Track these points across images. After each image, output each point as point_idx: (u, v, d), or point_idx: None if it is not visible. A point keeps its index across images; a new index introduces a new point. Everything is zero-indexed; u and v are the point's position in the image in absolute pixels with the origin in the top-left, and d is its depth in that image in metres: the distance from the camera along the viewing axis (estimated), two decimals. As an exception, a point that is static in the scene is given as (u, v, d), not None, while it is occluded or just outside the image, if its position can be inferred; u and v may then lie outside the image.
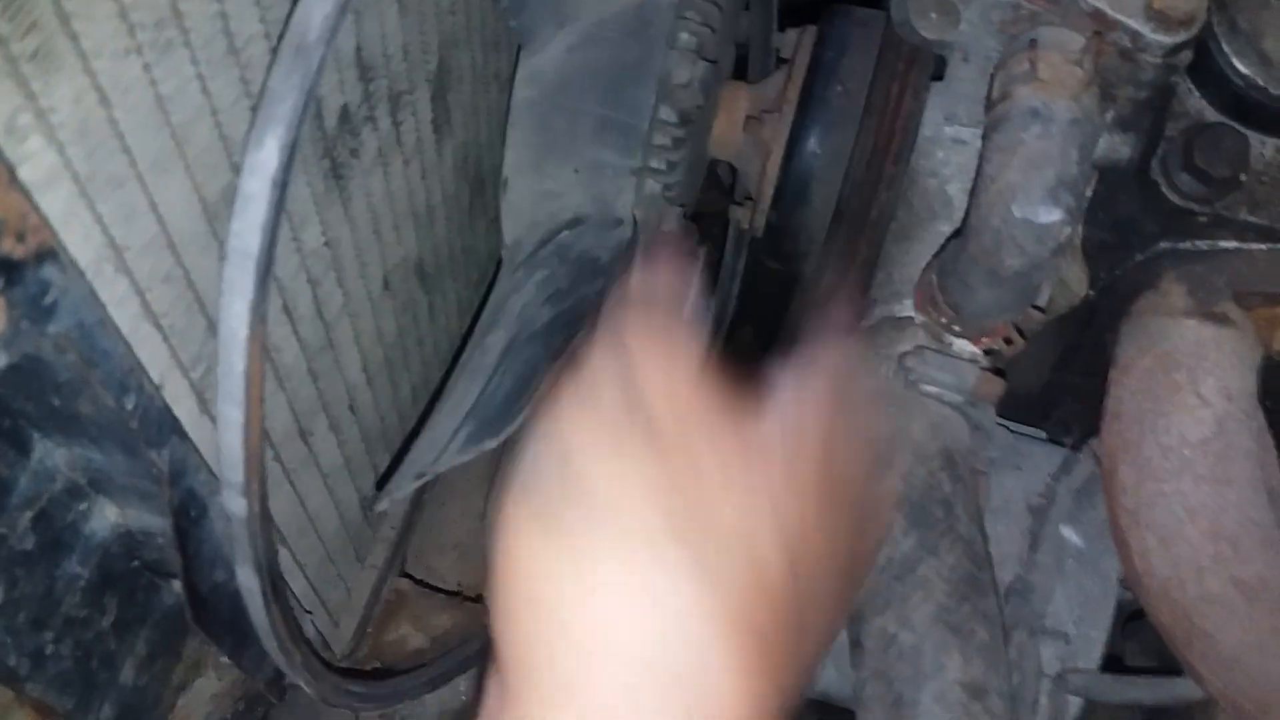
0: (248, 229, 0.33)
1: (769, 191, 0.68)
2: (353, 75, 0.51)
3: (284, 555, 0.58)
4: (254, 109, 0.37)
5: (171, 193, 0.39)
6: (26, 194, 0.30)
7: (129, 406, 0.39)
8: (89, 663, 0.53)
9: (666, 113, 0.61)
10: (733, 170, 0.74)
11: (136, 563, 0.54)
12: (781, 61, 0.70)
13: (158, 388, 0.40)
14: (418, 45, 0.57)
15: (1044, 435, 0.77)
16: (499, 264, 0.72)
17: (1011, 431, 0.77)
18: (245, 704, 0.69)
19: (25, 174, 0.31)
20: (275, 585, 0.44)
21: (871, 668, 0.54)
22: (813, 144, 0.67)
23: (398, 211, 0.60)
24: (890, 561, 0.55)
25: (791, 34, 0.69)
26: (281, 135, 0.33)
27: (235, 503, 0.39)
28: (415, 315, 0.68)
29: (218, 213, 0.42)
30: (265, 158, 0.33)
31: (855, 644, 0.56)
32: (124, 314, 0.37)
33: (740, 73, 0.76)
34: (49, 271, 0.32)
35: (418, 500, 0.82)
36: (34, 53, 0.30)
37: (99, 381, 0.36)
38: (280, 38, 0.34)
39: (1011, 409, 0.75)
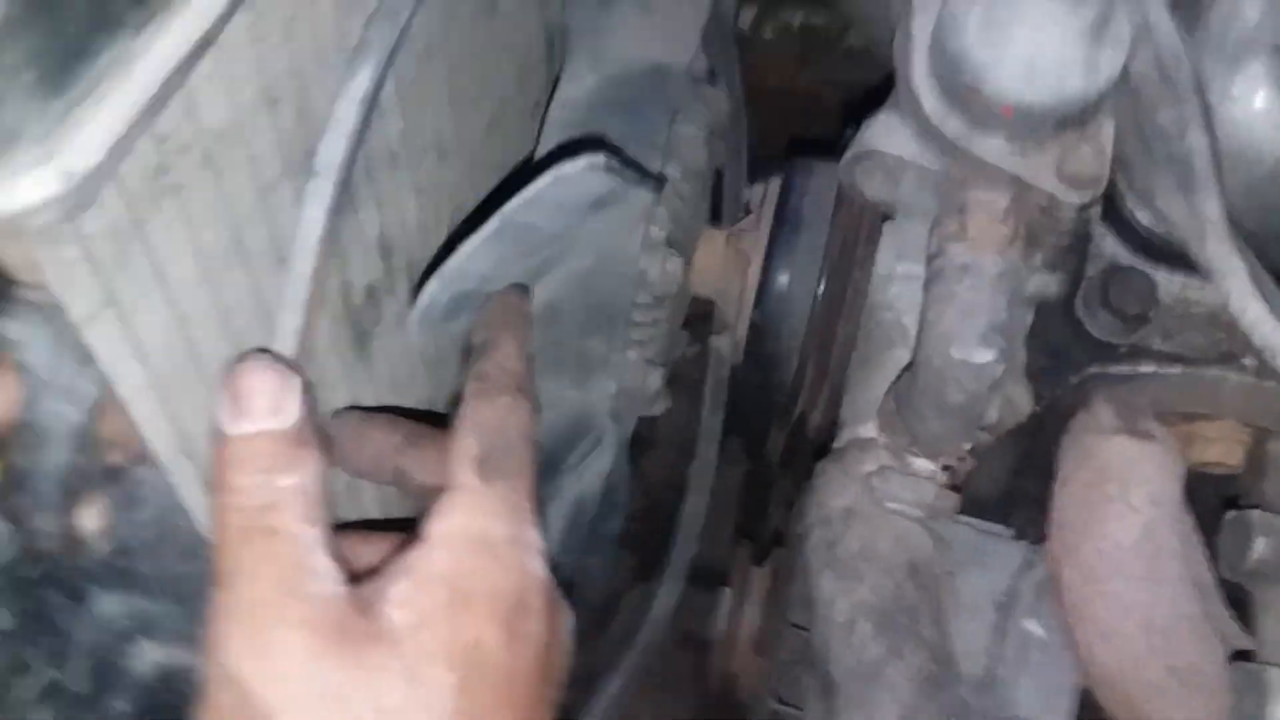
0: (335, 144, 0.40)
1: (745, 324, 0.76)
2: (376, 257, 0.58)
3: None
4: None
5: (230, 383, 0.45)
6: (126, 412, 0.37)
7: (193, 570, 0.45)
8: (126, 795, 0.58)
9: (644, 297, 0.69)
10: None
11: (174, 698, 0.60)
12: (748, 210, 0.78)
13: (214, 546, 0.46)
14: (432, 219, 0.65)
15: (1011, 533, 0.84)
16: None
17: (978, 531, 0.84)
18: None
19: (122, 392, 0.38)
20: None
21: (849, 765, 0.60)
22: (781, 282, 0.75)
23: (413, 365, 0.67)
24: (860, 664, 0.61)
25: (759, 187, 0.78)
26: (372, 69, 0.42)
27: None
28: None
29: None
30: (358, 85, 0.41)
31: (834, 743, 0.62)
32: (190, 493, 0.44)
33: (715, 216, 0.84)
34: (140, 471, 0.39)
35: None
36: (133, 296, 0.37)
37: (172, 553, 0.43)
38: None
39: (976, 510, 0.82)
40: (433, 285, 0.56)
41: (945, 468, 0.67)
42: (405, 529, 0.41)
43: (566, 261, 0.69)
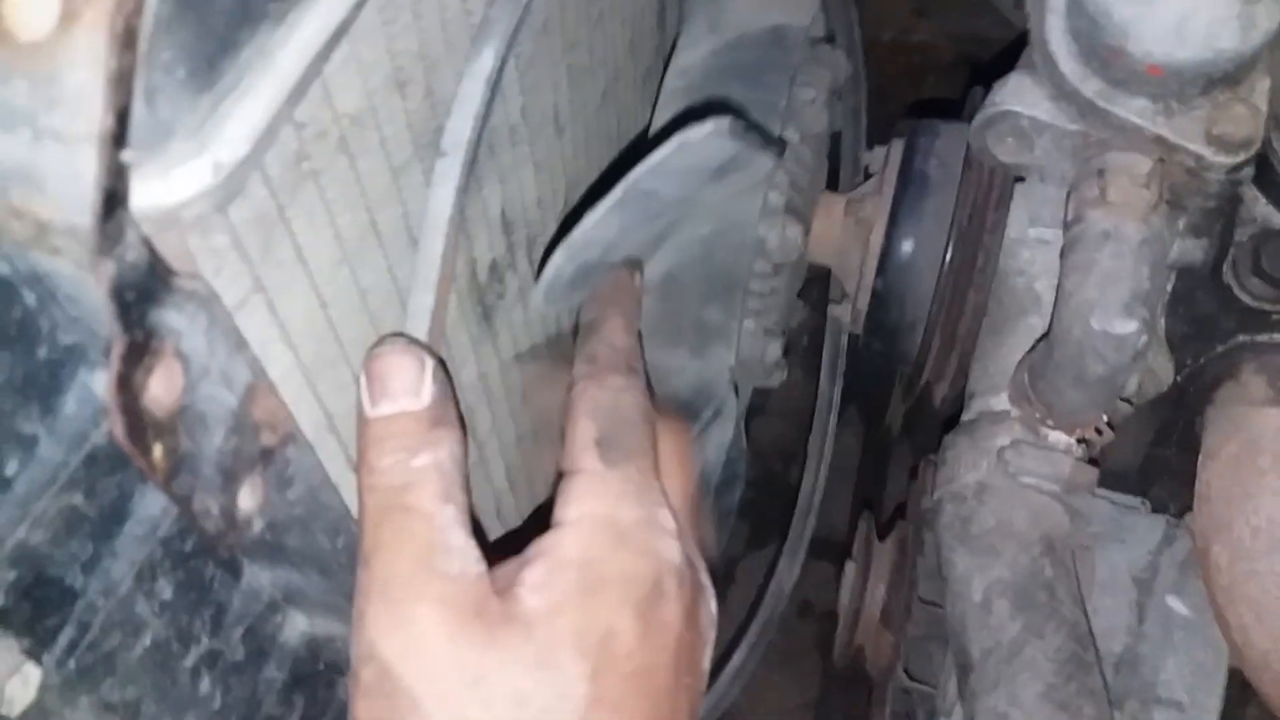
0: (461, 123, 0.41)
1: (866, 292, 0.74)
2: (499, 233, 0.59)
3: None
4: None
5: (367, 363, 0.47)
6: (276, 394, 0.38)
7: (339, 545, 0.47)
8: (283, 756, 0.61)
9: (762, 265, 0.68)
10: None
11: (321, 665, 0.62)
12: (869, 175, 0.76)
13: (358, 524, 0.48)
14: (549, 193, 0.65)
15: (1148, 506, 0.81)
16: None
17: (1115, 505, 0.81)
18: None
19: (273, 375, 0.39)
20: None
21: (986, 744, 0.58)
22: (905, 249, 0.73)
23: (534, 336, 0.68)
24: (998, 644, 0.60)
25: (879, 150, 0.76)
26: (496, 47, 0.42)
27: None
28: (547, 418, 0.76)
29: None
30: (482, 65, 0.42)
31: (969, 722, 0.60)
32: (335, 468, 0.45)
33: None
34: (290, 450, 0.40)
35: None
36: (279, 281, 0.38)
37: (319, 529, 0.44)
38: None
39: (1114, 482, 0.79)
40: (558, 257, 0.57)
41: (1081, 440, 0.65)
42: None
43: (685, 229, 0.68)
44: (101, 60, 0.28)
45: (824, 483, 0.92)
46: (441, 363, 0.41)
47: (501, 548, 0.40)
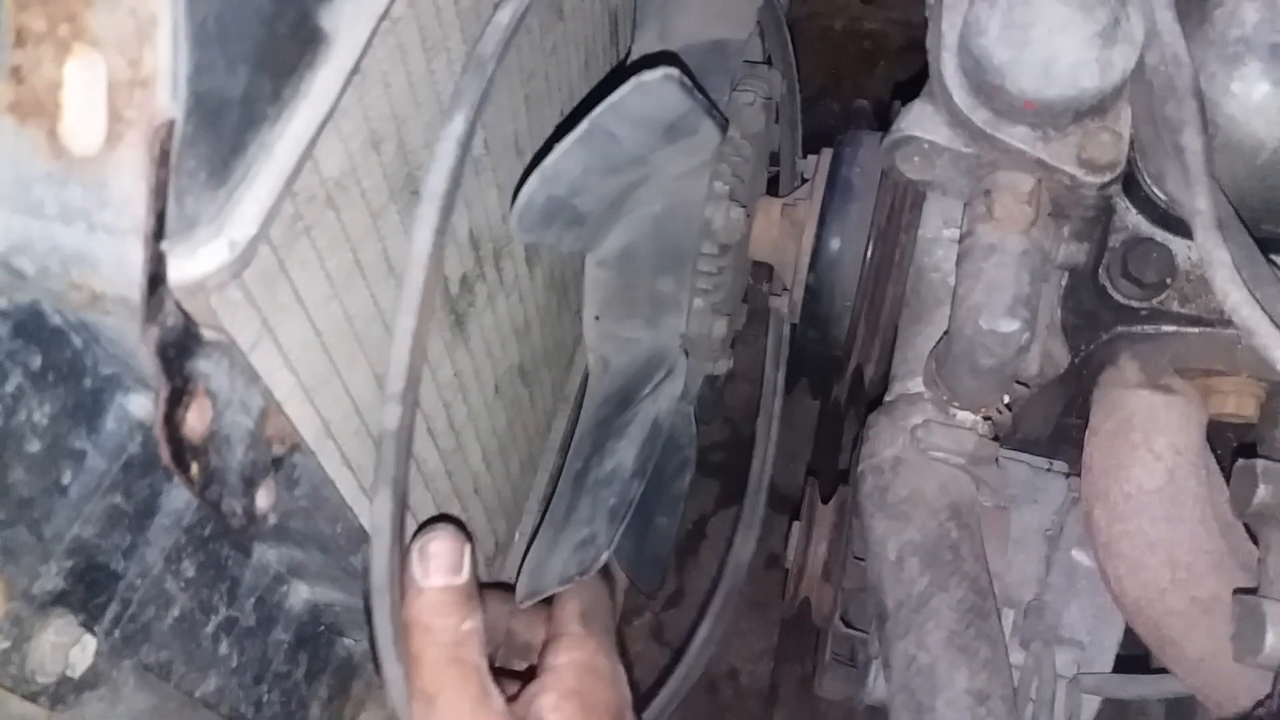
0: (437, 176, 0.49)
1: (801, 286, 0.83)
2: (468, 250, 0.67)
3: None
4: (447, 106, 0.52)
5: (356, 375, 0.55)
6: (283, 413, 0.47)
7: (339, 530, 0.56)
8: (290, 705, 0.70)
9: (708, 246, 0.76)
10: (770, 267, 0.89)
11: (321, 627, 0.71)
12: (805, 180, 0.84)
13: (354, 513, 0.56)
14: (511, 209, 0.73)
15: (1064, 468, 0.90)
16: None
17: (1031, 468, 0.90)
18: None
19: (279, 397, 0.48)
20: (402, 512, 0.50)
21: (898, 682, 0.68)
22: (833, 247, 0.82)
23: (503, 333, 0.77)
24: (909, 597, 0.69)
25: (812, 158, 0.84)
26: (465, 114, 0.50)
27: (390, 414, 0.47)
28: (520, 407, 0.84)
29: (383, 379, 0.58)
30: (454, 128, 0.49)
31: (885, 664, 0.70)
32: (333, 467, 0.54)
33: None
34: (296, 457, 0.48)
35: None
36: (282, 321, 0.47)
37: (321, 517, 0.53)
38: (468, 55, 0.51)
39: (1030, 448, 0.88)
40: (531, 184, 0.66)
41: (986, 418, 0.73)
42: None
43: (640, 205, 0.76)
44: (143, 173, 0.36)
45: (770, 465, 1.00)
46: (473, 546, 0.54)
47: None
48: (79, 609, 0.49)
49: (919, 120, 0.65)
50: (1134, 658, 0.86)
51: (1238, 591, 0.61)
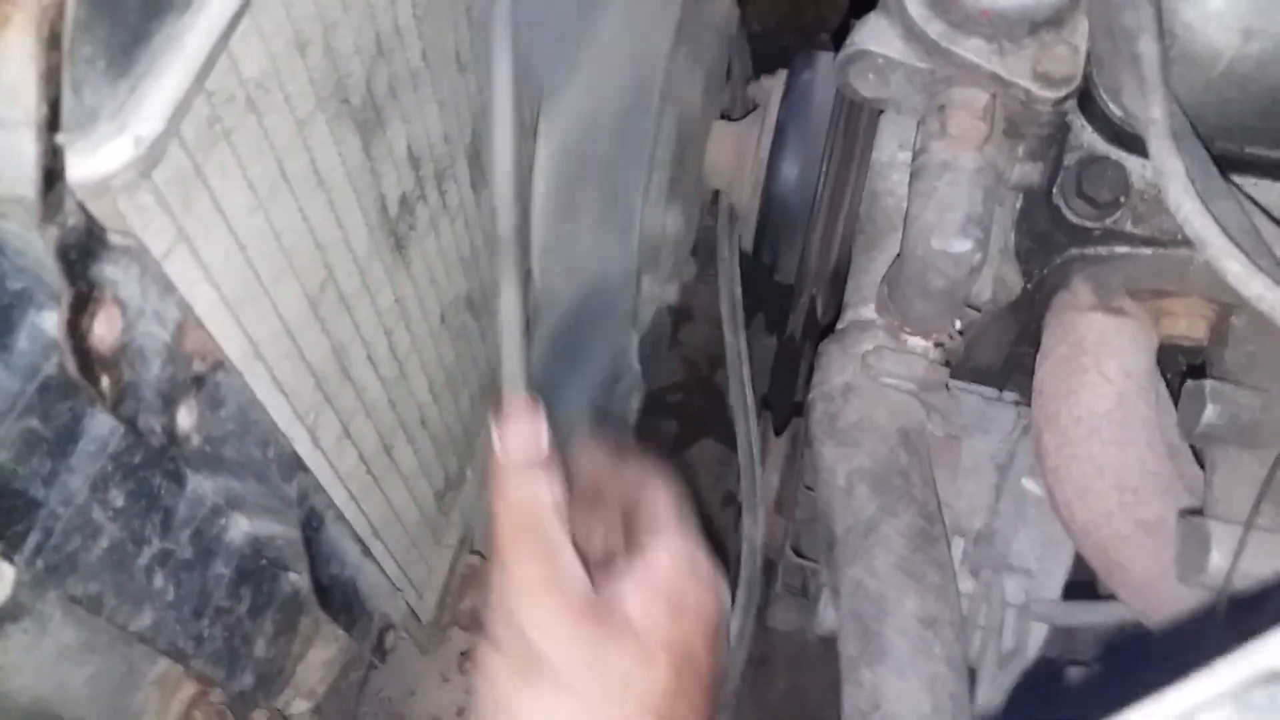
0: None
1: (754, 217, 0.81)
2: (407, 169, 0.65)
3: (377, 546, 0.73)
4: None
5: (286, 294, 0.53)
6: (204, 327, 0.45)
7: (270, 455, 0.54)
8: (233, 641, 0.69)
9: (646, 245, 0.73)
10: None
11: (264, 561, 0.69)
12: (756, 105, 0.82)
13: (287, 438, 0.54)
14: (455, 128, 0.71)
15: (1015, 397, 0.90)
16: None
17: (982, 398, 0.90)
18: (350, 668, 0.85)
19: (199, 311, 0.45)
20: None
21: (846, 608, 0.68)
22: (787, 172, 0.80)
23: (448, 261, 0.74)
24: (858, 523, 0.68)
25: (766, 80, 0.82)
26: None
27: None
28: (469, 339, 0.82)
29: (317, 300, 0.56)
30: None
31: (834, 590, 0.70)
32: (262, 388, 0.52)
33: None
34: (220, 375, 0.46)
35: (480, 491, 0.97)
36: (200, 229, 0.44)
37: (251, 442, 0.51)
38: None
39: (981, 378, 0.88)
40: None
41: (938, 344, 0.73)
42: None
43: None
44: (32, 59, 0.34)
45: (756, 431, 0.95)
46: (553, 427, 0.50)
47: None
48: (-6, 537, 0.47)
49: (874, 34, 0.64)
50: (1081, 584, 0.87)
51: (1183, 513, 0.61)
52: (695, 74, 0.76)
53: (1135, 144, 0.63)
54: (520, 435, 0.48)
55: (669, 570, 0.48)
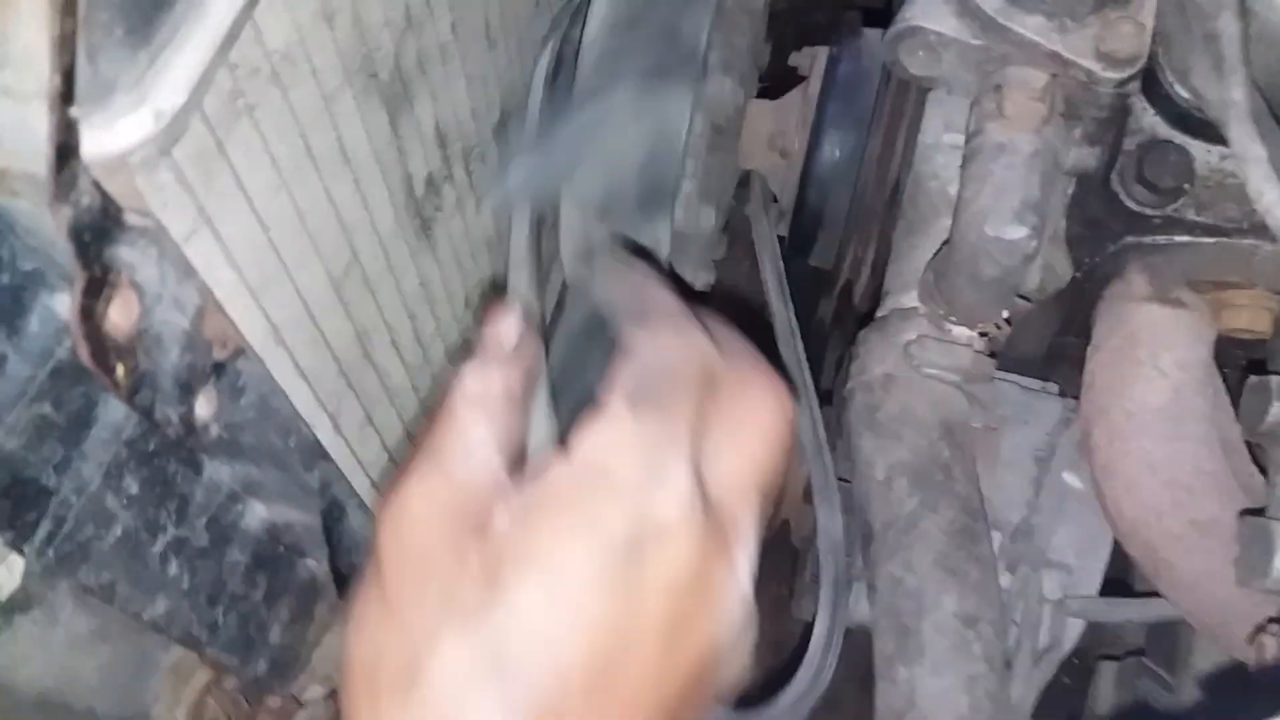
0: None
1: (792, 195, 0.78)
2: (434, 147, 0.62)
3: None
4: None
5: (309, 277, 0.50)
6: (224, 313, 0.42)
7: (292, 444, 0.51)
8: (248, 628, 0.67)
9: (699, 124, 0.70)
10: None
11: (281, 548, 0.67)
12: (800, 78, 0.79)
13: (309, 426, 0.52)
14: (483, 105, 0.68)
15: (1053, 389, 0.87)
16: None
17: (1022, 389, 0.87)
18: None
19: (219, 295, 0.43)
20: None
21: (883, 605, 0.65)
22: (828, 153, 0.77)
23: (474, 243, 0.72)
24: (898, 518, 0.66)
25: (807, 53, 0.78)
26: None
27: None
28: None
29: (340, 284, 0.54)
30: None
31: (870, 586, 0.67)
32: (284, 376, 0.49)
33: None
34: (241, 363, 0.44)
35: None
36: (222, 210, 0.42)
37: (272, 430, 0.49)
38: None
39: (1022, 368, 0.85)
40: None
41: (982, 334, 0.70)
42: None
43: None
44: (44, 24, 0.31)
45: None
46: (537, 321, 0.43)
47: None
48: (4, 526, 0.44)
49: (925, 9, 0.60)
50: (1117, 580, 0.84)
51: (1244, 513, 0.59)
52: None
53: (1201, 128, 0.60)
54: (494, 333, 0.40)
55: (566, 478, 0.36)
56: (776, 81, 0.82)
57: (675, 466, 0.35)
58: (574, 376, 0.72)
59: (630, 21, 0.70)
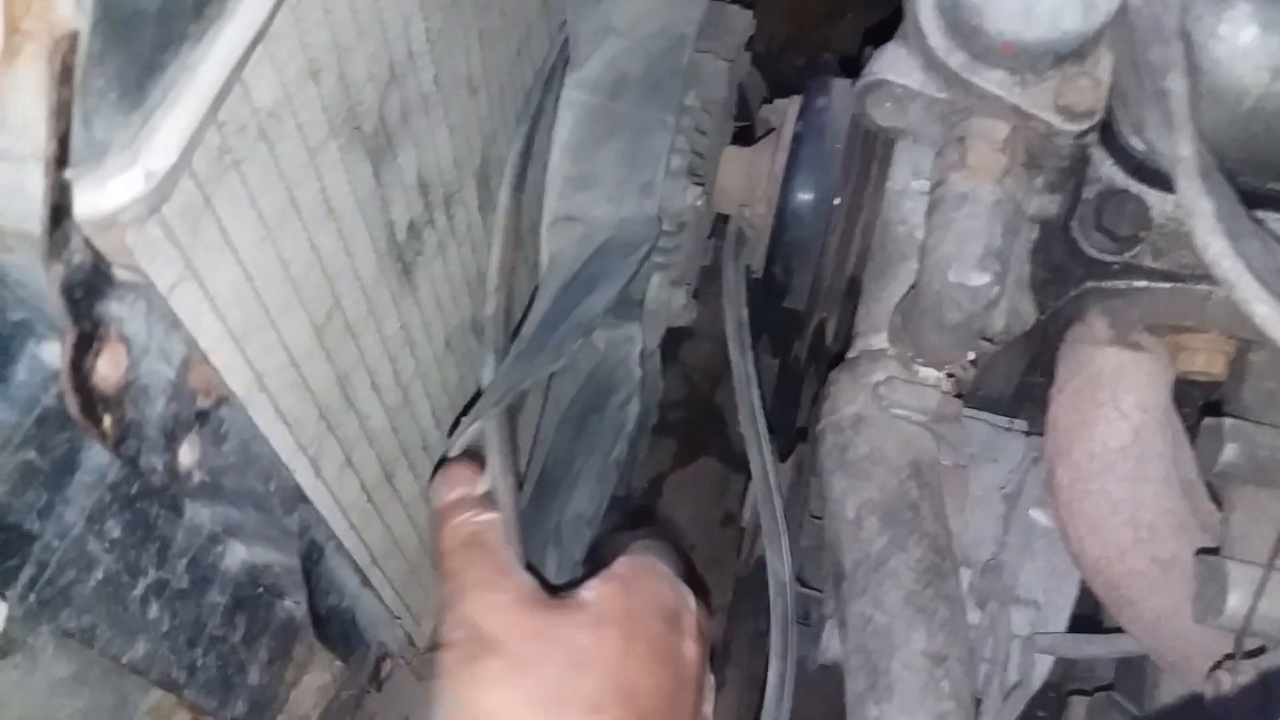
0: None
1: (765, 240, 0.80)
2: (416, 194, 0.63)
3: (376, 574, 0.71)
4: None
5: (292, 325, 0.52)
6: (209, 362, 0.43)
7: (272, 488, 0.52)
8: (227, 669, 0.67)
9: (666, 225, 0.73)
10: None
11: (260, 589, 0.68)
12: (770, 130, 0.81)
13: (289, 470, 0.53)
14: (464, 151, 0.69)
15: (1020, 427, 0.89)
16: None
17: (991, 426, 0.89)
18: (343, 694, 0.83)
19: (204, 345, 0.44)
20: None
21: (853, 643, 0.66)
22: (800, 198, 0.79)
23: (455, 285, 0.73)
24: (867, 556, 0.67)
25: (780, 103, 0.81)
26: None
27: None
28: (473, 363, 0.81)
29: (322, 329, 0.55)
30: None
31: (841, 624, 0.68)
32: (266, 422, 0.50)
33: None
34: (224, 410, 0.45)
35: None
36: (207, 262, 0.43)
37: (253, 475, 0.50)
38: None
39: (991, 406, 0.87)
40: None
41: (950, 375, 0.72)
42: None
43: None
44: (43, 91, 0.32)
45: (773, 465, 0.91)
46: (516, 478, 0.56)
47: None
48: (-14, 572, 0.45)
49: (892, 63, 0.63)
50: (1086, 617, 0.86)
51: (1200, 552, 0.60)
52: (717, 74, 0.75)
53: (1156, 178, 0.62)
54: (459, 479, 0.53)
55: (624, 565, 0.52)
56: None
57: (680, 581, 0.56)
58: (563, 463, 0.74)
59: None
